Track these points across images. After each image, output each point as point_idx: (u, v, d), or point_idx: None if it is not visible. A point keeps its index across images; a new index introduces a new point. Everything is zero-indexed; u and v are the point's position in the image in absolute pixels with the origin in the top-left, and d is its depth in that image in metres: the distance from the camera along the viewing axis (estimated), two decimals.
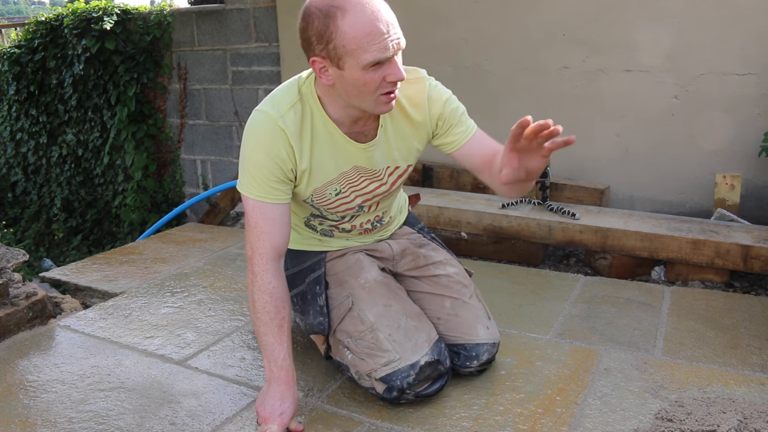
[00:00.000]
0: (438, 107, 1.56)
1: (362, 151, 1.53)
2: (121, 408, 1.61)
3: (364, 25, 1.29)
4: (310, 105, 1.48)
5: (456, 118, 1.58)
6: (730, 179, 2.70)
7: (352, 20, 1.29)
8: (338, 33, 1.30)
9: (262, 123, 1.45)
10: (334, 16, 1.29)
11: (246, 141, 1.47)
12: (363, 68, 1.32)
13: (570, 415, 1.52)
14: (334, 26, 1.30)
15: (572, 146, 1.24)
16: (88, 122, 4.83)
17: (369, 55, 1.31)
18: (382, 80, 1.35)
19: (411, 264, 1.77)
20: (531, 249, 2.78)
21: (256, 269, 1.47)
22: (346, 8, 1.29)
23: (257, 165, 1.45)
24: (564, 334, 1.95)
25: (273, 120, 1.43)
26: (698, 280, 2.49)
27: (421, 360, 1.52)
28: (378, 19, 1.30)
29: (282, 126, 1.43)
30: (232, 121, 4.36)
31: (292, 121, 1.45)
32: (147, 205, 4.66)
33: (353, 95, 1.40)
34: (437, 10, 3.36)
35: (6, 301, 2.05)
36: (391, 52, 1.33)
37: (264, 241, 1.47)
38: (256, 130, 1.45)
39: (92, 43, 4.45)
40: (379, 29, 1.30)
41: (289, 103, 1.46)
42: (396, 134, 1.57)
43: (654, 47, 2.93)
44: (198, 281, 2.47)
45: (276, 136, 1.43)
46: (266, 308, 1.47)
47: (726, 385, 1.64)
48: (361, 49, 1.30)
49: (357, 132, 1.52)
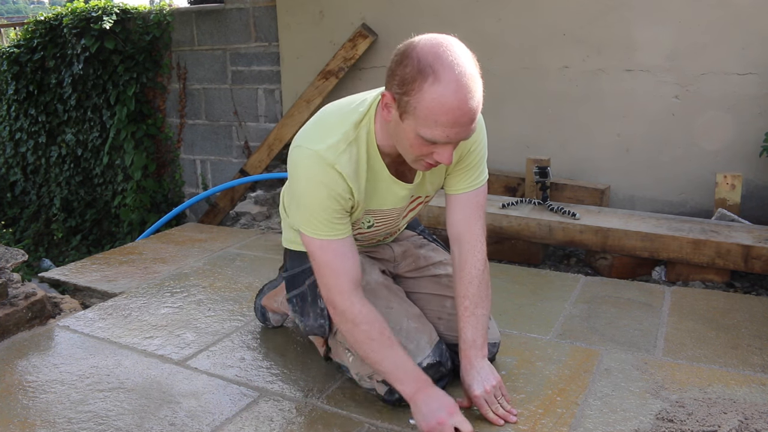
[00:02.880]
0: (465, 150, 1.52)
1: (405, 191, 1.52)
2: (121, 408, 1.60)
3: (444, 106, 1.22)
4: (366, 141, 1.41)
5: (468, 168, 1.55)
6: (731, 179, 2.70)
7: (437, 93, 1.21)
8: (419, 94, 1.23)
9: (314, 164, 1.36)
10: (426, 77, 1.22)
11: (301, 181, 1.39)
12: (417, 135, 1.28)
13: (570, 416, 1.52)
14: (419, 85, 1.22)
15: (573, 146, 1.24)
16: (87, 122, 4.82)
17: (429, 132, 1.25)
18: (429, 153, 1.31)
19: (412, 265, 1.76)
20: (531, 249, 2.78)
21: (341, 307, 1.42)
22: (440, 78, 1.21)
23: (320, 205, 1.38)
24: (564, 335, 1.95)
25: (329, 164, 1.35)
26: (699, 280, 2.48)
27: (423, 362, 1.52)
28: (461, 109, 1.22)
29: (339, 170, 1.36)
30: (232, 120, 4.35)
31: (347, 163, 1.37)
32: (146, 205, 4.65)
33: (398, 143, 1.36)
34: (437, 10, 3.36)
35: (5, 301, 2.05)
36: (450, 142, 1.28)
37: (341, 279, 1.41)
38: (310, 171, 1.37)
39: (91, 42, 4.44)
40: (455, 119, 1.23)
41: (345, 144, 1.37)
42: (434, 171, 1.54)
43: (655, 47, 2.93)
44: (197, 281, 2.47)
45: (334, 178, 1.36)
46: (370, 335, 1.42)
47: (727, 386, 1.63)
48: (426, 121, 1.24)
49: (402, 169, 1.48)
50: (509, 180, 3.21)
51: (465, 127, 1.26)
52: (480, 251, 1.56)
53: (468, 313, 1.54)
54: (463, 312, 1.54)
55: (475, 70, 1.25)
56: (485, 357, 1.55)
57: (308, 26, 3.81)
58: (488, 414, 1.48)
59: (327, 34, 3.74)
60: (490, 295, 1.58)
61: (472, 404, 1.51)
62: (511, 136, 3.26)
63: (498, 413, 1.48)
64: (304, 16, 3.81)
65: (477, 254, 1.56)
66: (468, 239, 1.56)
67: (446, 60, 1.22)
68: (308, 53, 3.81)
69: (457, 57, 1.23)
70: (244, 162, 4.25)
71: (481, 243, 1.57)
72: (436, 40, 1.26)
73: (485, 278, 1.56)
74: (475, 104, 1.25)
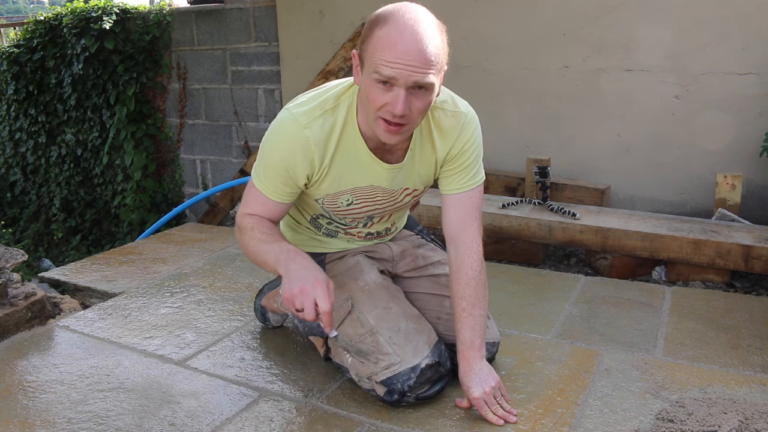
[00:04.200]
0: (457, 149, 1.53)
1: (386, 172, 1.51)
2: (121, 408, 1.60)
3: (391, 39, 1.27)
4: (345, 115, 1.45)
5: (462, 168, 1.55)
6: (731, 179, 2.70)
7: (386, 30, 1.28)
8: (372, 36, 1.30)
9: (287, 126, 1.44)
10: (378, 23, 1.30)
11: (268, 136, 1.47)
12: (371, 78, 1.30)
13: (570, 416, 1.52)
14: (372, 30, 1.30)
15: (573, 146, 1.24)
16: (87, 122, 4.82)
17: (376, 67, 1.28)
18: (384, 105, 1.31)
19: (410, 265, 1.76)
20: (531, 249, 2.78)
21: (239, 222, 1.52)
22: (389, 20, 1.29)
23: (270, 163, 1.46)
24: (564, 335, 1.94)
25: (300, 125, 1.42)
26: (699, 280, 2.48)
27: (422, 363, 1.52)
28: (406, 44, 1.26)
29: (308, 135, 1.42)
30: (232, 120, 4.35)
31: (319, 129, 1.43)
32: (146, 205, 4.65)
33: (363, 105, 1.39)
34: (436, 10, 3.34)
35: (5, 301, 2.05)
36: (398, 80, 1.28)
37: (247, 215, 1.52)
38: (280, 131, 1.45)
39: (91, 42, 4.44)
40: (400, 51, 1.26)
41: (321, 111, 1.44)
42: (422, 160, 1.54)
43: (655, 46, 2.93)
44: (197, 281, 2.47)
45: (297, 142, 1.42)
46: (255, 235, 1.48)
47: (727, 386, 1.63)
48: (374, 58, 1.29)
49: (384, 151, 1.49)
50: (509, 180, 3.21)
51: (411, 66, 1.26)
52: (476, 252, 1.56)
53: (465, 314, 1.54)
54: (460, 313, 1.55)
55: (430, 26, 1.30)
56: (483, 358, 1.55)
57: (308, 26, 3.80)
58: (488, 415, 1.48)
59: (327, 34, 3.74)
60: (488, 296, 1.58)
61: (472, 405, 1.51)
62: (511, 136, 3.26)
63: (498, 414, 1.48)
64: (304, 16, 3.81)
65: (473, 255, 1.56)
66: (464, 240, 1.56)
67: (399, 11, 1.30)
68: (308, 53, 3.81)
69: (412, 12, 1.30)
70: (244, 162, 4.25)
71: (477, 244, 1.57)
72: (401, 2, 1.35)
73: (482, 279, 1.56)
74: (423, 47, 1.27)
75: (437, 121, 1.50)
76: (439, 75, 1.32)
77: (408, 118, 1.33)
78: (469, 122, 1.53)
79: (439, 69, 1.31)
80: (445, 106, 1.50)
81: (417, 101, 1.31)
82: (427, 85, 1.30)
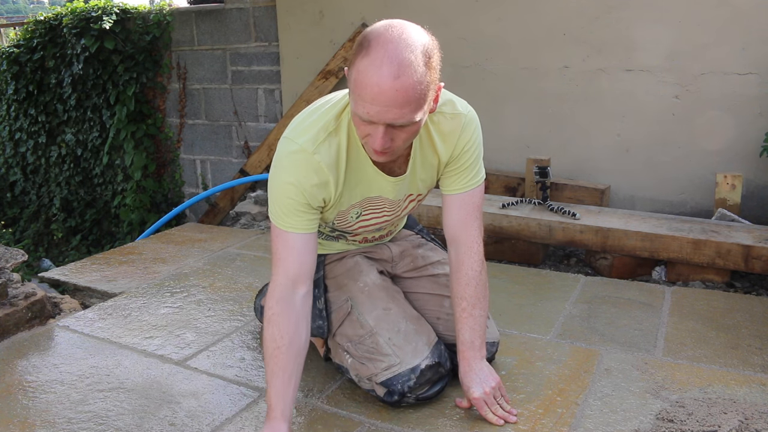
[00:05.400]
0: (459, 150, 1.52)
1: (390, 185, 1.50)
2: (121, 408, 1.60)
3: (368, 77, 1.18)
4: (347, 133, 1.41)
5: (463, 168, 1.54)
6: (731, 179, 2.70)
7: (365, 64, 1.19)
8: (356, 64, 1.22)
9: (296, 155, 1.37)
10: (361, 50, 1.21)
11: (276, 170, 1.40)
12: (353, 110, 1.26)
13: (570, 416, 1.52)
14: (357, 56, 1.22)
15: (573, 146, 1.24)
16: (87, 122, 4.82)
17: (355, 106, 1.24)
18: (366, 135, 1.28)
19: (410, 265, 1.76)
20: (531, 249, 2.78)
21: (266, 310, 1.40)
22: (371, 50, 1.19)
23: (286, 194, 1.38)
24: (564, 335, 1.95)
25: (308, 152, 1.36)
26: (699, 280, 2.48)
27: (422, 363, 1.52)
28: (380, 86, 1.18)
29: (319, 160, 1.37)
30: (232, 120, 4.35)
31: (327, 153, 1.38)
32: (146, 205, 4.65)
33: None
34: (437, 10, 3.36)
35: (5, 301, 2.05)
36: (375, 120, 1.22)
37: (279, 270, 1.40)
38: (289, 161, 1.38)
39: (91, 42, 4.44)
40: (373, 95, 1.19)
41: (325, 134, 1.38)
42: (423, 165, 1.53)
43: (655, 47, 2.93)
44: (197, 281, 2.47)
45: (310, 167, 1.37)
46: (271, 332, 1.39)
47: (727, 386, 1.63)
48: (353, 95, 1.24)
49: (388, 164, 1.47)
50: (509, 180, 3.21)
51: (386, 108, 1.20)
52: (476, 252, 1.56)
53: (466, 315, 1.53)
54: (460, 313, 1.54)
55: (413, 54, 1.19)
56: (483, 358, 1.55)
57: (308, 26, 3.80)
58: (488, 415, 1.48)
59: (327, 34, 3.74)
60: (488, 296, 1.58)
61: (472, 405, 1.51)
62: (511, 136, 3.26)
63: (498, 414, 1.48)
64: (303, 16, 3.81)
65: (473, 255, 1.55)
66: (464, 241, 1.55)
67: (384, 37, 1.19)
68: (308, 53, 3.81)
69: (398, 37, 1.19)
70: (244, 162, 4.25)
71: (477, 244, 1.56)
72: (389, 21, 1.24)
73: (482, 279, 1.56)
74: (400, 85, 1.17)
75: (438, 126, 1.48)
76: (422, 108, 1.24)
77: (391, 149, 1.29)
78: (469, 122, 1.51)
79: (420, 104, 1.23)
80: (445, 109, 1.48)
81: (400, 133, 1.27)
82: (406, 123, 1.24)
